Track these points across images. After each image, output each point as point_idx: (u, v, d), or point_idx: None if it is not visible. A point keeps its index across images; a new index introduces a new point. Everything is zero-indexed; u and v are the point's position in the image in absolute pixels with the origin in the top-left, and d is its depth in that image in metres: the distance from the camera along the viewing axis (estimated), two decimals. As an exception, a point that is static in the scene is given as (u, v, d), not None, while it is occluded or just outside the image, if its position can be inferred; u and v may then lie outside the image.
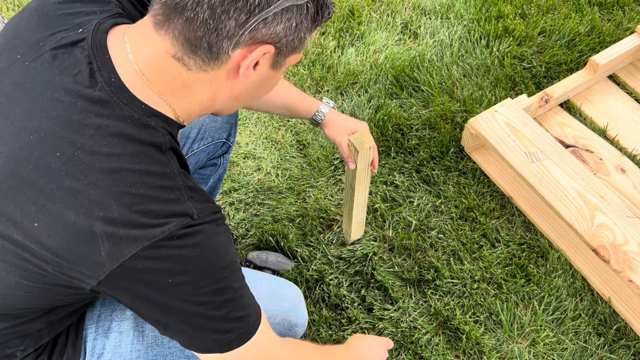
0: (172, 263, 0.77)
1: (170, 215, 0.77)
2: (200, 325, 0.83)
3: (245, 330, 0.87)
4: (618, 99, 1.99)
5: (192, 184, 0.83)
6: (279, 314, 1.12)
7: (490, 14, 2.27)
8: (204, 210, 0.81)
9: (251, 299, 0.90)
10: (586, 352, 1.50)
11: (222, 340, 0.86)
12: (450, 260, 1.65)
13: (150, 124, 0.79)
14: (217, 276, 0.82)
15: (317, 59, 2.17)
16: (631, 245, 1.49)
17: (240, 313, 0.86)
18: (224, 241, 0.84)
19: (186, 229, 0.78)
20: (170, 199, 0.79)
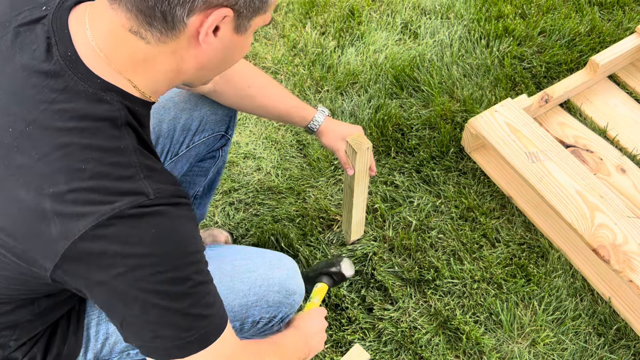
0: (123, 244, 0.73)
1: (122, 193, 0.74)
2: (158, 318, 0.78)
3: (207, 331, 0.82)
4: (618, 99, 1.99)
5: (153, 163, 0.80)
6: (278, 282, 1.12)
7: (490, 13, 2.27)
8: (162, 191, 0.77)
9: (217, 300, 0.85)
10: (586, 352, 1.50)
11: (181, 338, 0.80)
12: (450, 260, 1.65)
13: (105, 98, 0.76)
14: (174, 263, 0.77)
15: (317, 59, 2.17)
16: (631, 245, 1.49)
17: (202, 310, 0.81)
18: (185, 228, 0.79)
19: (139, 208, 0.74)
20: (123, 176, 0.75)
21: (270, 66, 2.19)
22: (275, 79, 2.15)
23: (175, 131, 1.29)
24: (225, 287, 1.06)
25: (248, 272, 1.10)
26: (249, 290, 1.08)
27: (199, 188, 1.48)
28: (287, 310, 1.15)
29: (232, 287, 1.07)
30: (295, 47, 2.24)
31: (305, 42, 2.23)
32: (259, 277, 1.10)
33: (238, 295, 1.07)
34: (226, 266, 1.09)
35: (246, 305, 1.08)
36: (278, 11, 2.39)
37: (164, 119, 1.28)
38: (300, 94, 2.08)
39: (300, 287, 1.18)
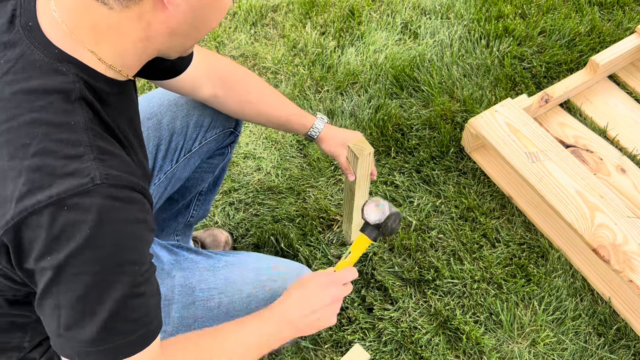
0: (53, 239, 0.68)
1: (65, 175, 0.68)
2: (69, 322, 0.72)
3: (118, 346, 0.75)
4: (618, 99, 1.98)
5: (109, 146, 0.74)
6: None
7: (490, 13, 2.27)
8: (113, 178, 0.70)
9: (146, 316, 0.77)
10: (586, 352, 1.50)
11: (87, 346, 0.74)
12: (450, 260, 1.65)
13: (60, 69, 0.73)
14: (104, 269, 0.71)
15: (317, 59, 2.17)
16: (631, 245, 1.49)
17: (121, 325, 0.74)
18: (130, 232, 0.72)
19: (80, 197, 0.68)
20: (70, 155, 0.69)
21: (270, 66, 2.19)
22: (275, 79, 2.16)
23: (188, 128, 1.30)
24: (247, 294, 1.07)
25: (270, 281, 1.11)
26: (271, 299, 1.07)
27: (205, 184, 1.49)
28: None
29: (254, 294, 1.08)
30: (295, 47, 2.24)
31: (305, 42, 2.23)
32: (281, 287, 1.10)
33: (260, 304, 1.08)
34: (249, 274, 1.10)
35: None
36: (278, 11, 2.40)
37: (177, 116, 1.29)
38: (300, 94, 2.08)
39: None
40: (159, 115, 1.28)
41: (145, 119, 1.26)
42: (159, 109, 1.29)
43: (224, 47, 2.29)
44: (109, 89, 0.79)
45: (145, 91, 2.19)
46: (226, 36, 2.32)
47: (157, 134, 1.27)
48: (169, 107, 1.29)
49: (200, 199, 1.55)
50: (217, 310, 1.05)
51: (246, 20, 2.36)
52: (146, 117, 1.27)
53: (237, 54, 2.26)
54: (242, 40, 2.30)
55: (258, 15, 2.37)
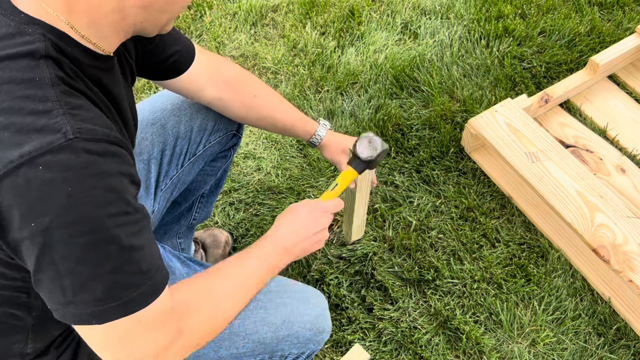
0: (32, 203, 0.65)
1: (35, 131, 0.65)
2: (73, 285, 0.70)
3: (130, 299, 0.73)
4: (618, 99, 1.99)
5: (78, 101, 0.70)
6: (309, 320, 1.11)
7: (490, 14, 2.27)
8: (86, 132, 0.67)
9: (151, 266, 0.75)
10: (586, 352, 1.50)
11: (98, 305, 0.71)
12: (450, 260, 1.65)
13: (25, 30, 0.71)
14: (94, 225, 0.68)
15: (317, 59, 2.17)
16: (631, 245, 1.49)
17: (126, 278, 0.72)
18: (112, 184, 0.69)
19: (54, 154, 0.65)
20: (37, 111, 0.66)
21: (270, 66, 2.19)
22: (275, 79, 2.16)
23: (192, 132, 1.30)
24: (259, 319, 1.06)
25: (282, 306, 1.09)
26: (282, 324, 1.07)
27: (207, 187, 1.49)
28: (314, 347, 1.13)
29: (266, 319, 1.06)
30: (295, 47, 2.24)
31: (306, 42, 2.23)
32: (292, 313, 1.09)
33: (270, 328, 1.06)
34: (261, 296, 1.08)
35: (277, 339, 1.07)
36: (278, 11, 2.40)
37: (181, 120, 1.29)
38: (300, 94, 2.09)
39: (329, 325, 1.16)
40: (163, 120, 1.28)
41: (149, 124, 1.26)
42: (162, 113, 1.29)
43: (224, 47, 2.29)
44: (84, 59, 0.77)
45: (146, 92, 2.19)
46: (226, 36, 2.32)
47: (162, 139, 1.27)
48: (172, 112, 1.29)
49: (203, 201, 1.55)
50: (228, 331, 1.04)
51: (246, 20, 2.36)
52: (150, 122, 1.27)
53: (237, 54, 2.26)
54: (242, 40, 2.30)
55: (258, 15, 2.38)
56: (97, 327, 0.73)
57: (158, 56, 1.10)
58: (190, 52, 1.16)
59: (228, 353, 1.04)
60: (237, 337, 1.04)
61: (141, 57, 1.07)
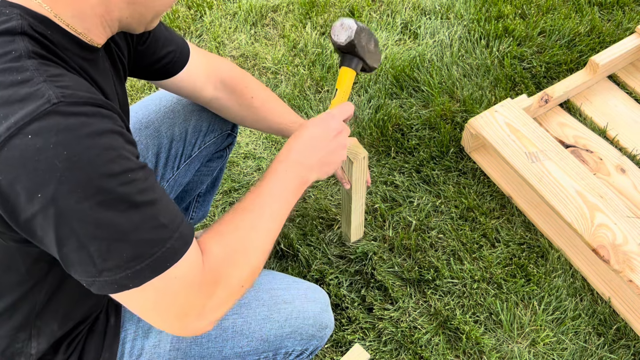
0: (31, 174, 0.64)
1: (17, 101, 0.64)
2: (99, 251, 0.69)
3: (161, 256, 0.73)
4: (618, 99, 1.99)
5: (57, 71, 0.69)
6: (312, 316, 1.11)
7: (490, 14, 2.27)
8: (70, 96, 0.66)
9: (172, 219, 0.74)
10: (586, 352, 1.50)
11: (130, 267, 0.71)
12: (450, 260, 1.65)
13: (2, 11, 0.70)
14: (101, 186, 0.66)
15: (317, 59, 2.17)
16: (631, 245, 1.49)
17: (150, 234, 0.72)
18: (107, 143, 0.68)
19: (40, 120, 0.63)
20: (16, 81, 0.65)
21: (271, 66, 2.19)
22: (275, 79, 2.16)
23: (187, 133, 1.29)
24: (262, 316, 1.06)
25: (284, 303, 1.09)
26: (285, 321, 1.07)
27: (203, 187, 1.49)
28: (318, 343, 1.13)
29: (269, 316, 1.07)
30: (295, 47, 2.24)
31: (306, 43, 2.23)
32: (295, 310, 1.09)
33: (274, 325, 1.06)
34: (263, 294, 1.08)
35: (281, 336, 1.07)
36: (278, 11, 2.40)
37: (175, 122, 1.28)
38: (300, 94, 2.09)
39: (331, 321, 1.16)
40: (157, 123, 1.27)
41: (142, 127, 1.26)
42: (156, 116, 1.28)
43: (224, 47, 2.29)
44: (68, 45, 0.75)
45: (146, 91, 2.19)
46: (226, 36, 2.32)
47: (157, 142, 1.27)
48: (165, 114, 1.29)
49: (199, 201, 1.55)
50: (232, 330, 1.05)
51: (246, 20, 2.36)
52: (143, 125, 1.26)
53: (237, 54, 2.26)
54: (242, 40, 2.30)
55: (258, 15, 2.38)
56: (135, 290, 0.73)
57: (150, 57, 1.10)
58: (184, 53, 1.16)
59: (232, 352, 1.04)
60: (240, 336, 1.04)
61: (133, 58, 1.07)
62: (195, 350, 1.02)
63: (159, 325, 0.79)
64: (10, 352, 0.90)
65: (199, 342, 1.03)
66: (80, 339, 0.97)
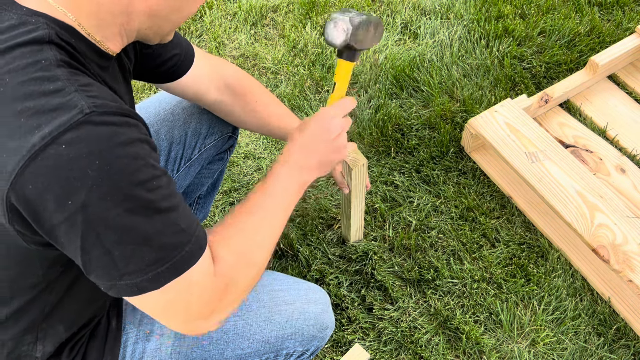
0: (63, 184, 0.65)
1: (50, 111, 0.65)
2: (121, 255, 0.71)
3: (180, 259, 0.75)
4: (618, 99, 1.99)
5: (86, 80, 0.71)
6: (313, 317, 1.11)
7: (490, 14, 2.27)
8: (101, 106, 0.68)
9: (189, 224, 0.77)
10: (586, 352, 1.50)
11: (150, 270, 0.73)
12: (450, 260, 1.65)
13: (29, 21, 0.71)
14: (127, 193, 0.69)
15: (317, 59, 2.17)
16: (631, 245, 1.49)
17: (169, 239, 0.74)
18: (136, 151, 0.70)
19: (74, 130, 0.65)
20: (49, 91, 0.66)
21: (271, 66, 2.19)
22: (275, 79, 2.16)
23: (187, 136, 1.29)
24: (263, 318, 1.06)
25: (285, 305, 1.09)
26: (286, 322, 1.07)
27: (204, 189, 1.49)
28: (318, 344, 1.14)
29: (270, 318, 1.07)
30: (295, 47, 2.24)
31: (306, 43, 2.23)
32: (296, 311, 1.09)
33: (275, 327, 1.07)
34: (264, 296, 1.09)
35: (282, 338, 1.07)
36: (278, 11, 2.40)
37: (175, 125, 1.28)
38: (300, 94, 2.09)
39: (332, 321, 1.16)
40: (156, 126, 1.27)
41: None
42: (155, 119, 1.28)
43: (224, 47, 2.29)
44: (89, 54, 0.77)
45: (146, 91, 2.19)
46: (226, 36, 2.32)
47: (156, 145, 1.26)
48: (165, 117, 1.28)
49: (200, 203, 1.55)
50: (233, 332, 1.05)
51: (246, 20, 2.36)
52: None
53: (237, 54, 2.26)
54: (242, 40, 2.30)
55: (258, 15, 2.38)
56: (153, 293, 0.75)
57: (155, 60, 1.10)
58: (188, 57, 1.16)
59: (233, 354, 1.04)
60: (242, 338, 1.05)
61: (139, 60, 1.07)
62: (196, 353, 1.02)
63: (167, 324, 0.81)
64: (16, 355, 0.90)
65: (200, 345, 1.03)
66: (82, 343, 0.97)
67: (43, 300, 0.87)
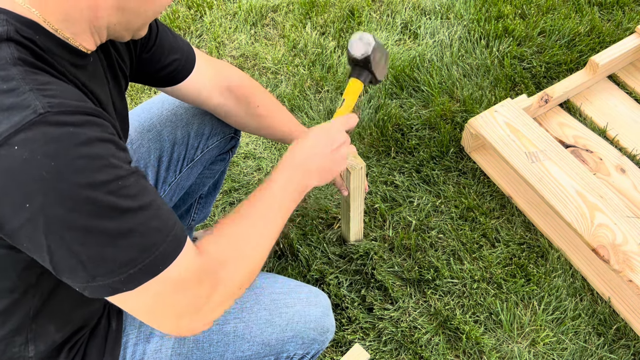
0: (18, 186, 0.63)
1: (3, 111, 0.63)
2: (90, 257, 0.68)
3: (153, 260, 0.73)
4: (618, 99, 1.99)
5: (45, 78, 0.68)
6: (314, 319, 1.11)
7: (490, 14, 2.27)
8: (57, 105, 0.65)
9: (163, 223, 0.74)
10: (586, 352, 1.50)
11: (123, 272, 0.71)
12: (450, 260, 1.65)
13: None
14: (90, 196, 0.66)
15: (317, 59, 2.17)
16: (631, 245, 1.49)
17: (140, 239, 0.71)
18: (95, 152, 0.67)
19: (27, 131, 0.62)
20: (2, 90, 0.64)
21: (271, 66, 2.19)
22: (275, 79, 2.16)
23: (189, 137, 1.29)
24: (264, 321, 1.06)
25: (286, 307, 1.09)
26: (287, 325, 1.07)
27: (205, 188, 1.49)
28: (319, 347, 1.13)
29: (271, 320, 1.07)
30: (295, 47, 2.24)
31: (306, 43, 2.23)
32: (297, 313, 1.09)
33: (276, 329, 1.06)
34: (265, 299, 1.09)
35: (282, 340, 1.07)
36: (278, 11, 2.40)
37: (178, 126, 1.28)
38: (300, 94, 2.09)
39: (333, 324, 1.16)
40: (159, 127, 1.27)
41: (144, 130, 1.26)
42: (158, 119, 1.28)
43: (224, 47, 2.29)
44: (56, 50, 0.75)
45: (146, 92, 2.19)
46: (226, 36, 2.32)
47: (158, 146, 1.26)
48: (168, 118, 1.28)
49: (201, 203, 1.55)
50: (233, 334, 1.05)
51: (246, 20, 2.36)
52: (146, 129, 1.26)
53: (237, 54, 2.26)
54: (242, 40, 2.30)
55: (258, 15, 2.38)
56: (130, 293, 0.73)
57: (155, 64, 1.10)
58: (189, 62, 1.15)
59: (234, 356, 1.04)
60: (242, 341, 1.04)
61: (136, 65, 1.06)
62: (197, 355, 1.02)
63: (156, 326, 0.79)
64: (8, 357, 0.90)
65: (200, 347, 1.03)
66: (81, 344, 0.97)
67: (26, 304, 0.86)
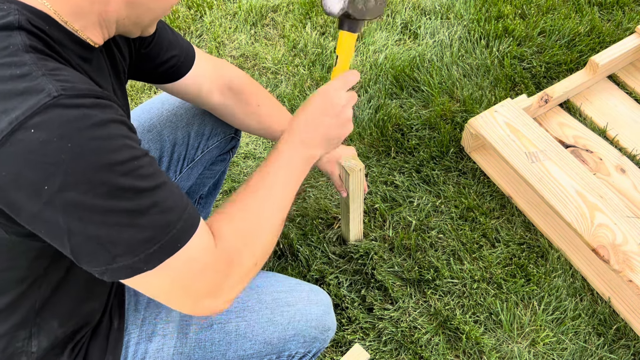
0: (35, 167, 0.64)
1: (17, 95, 0.64)
2: (109, 238, 0.69)
3: (171, 238, 0.74)
4: (618, 99, 1.99)
5: (56, 64, 0.69)
6: (315, 318, 1.11)
7: (490, 14, 2.27)
8: (70, 89, 0.66)
9: (177, 202, 0.75)
10: (586, 352, 1.50)
11: (142, 251, 0.72)
12: (450, 260, 1.65)
13: (1, 7, 0.70)
14: (105, 177, 0.67)
15: (317, 59, 2.17)
16: (631, 245, 1.49)
17: (158, 219, 0.72)
18: (110, 132, 0.68)
19: (42, 114, 0.63)
20: (16, 75, 0.65)
21: (271, 66, 2.19)
22: (275, 79, 2.16)
23: (189, 137, 1.29)
24: (265, 319, 1.06)
25: (287, 306, 1.09)
26: (288, 324, 1.07)
27: (205, 189, 1.49)
28: (320, 346, 1.13)
29: (272, 319, 1.07)
30: (295, 47, 2.24)
31: (306, 43, 2.23)
32: (298, 312, 1.09)
33: (277, 328, 1.06)
34: (266, 297, 1.09)
35: (284, 339, 1.07)
36: (278, 11, 2.40)
37: (178, 126, 1.28)
38: (300, 94, 2.09)
39: (334, 323, 1.16)
40: (159, 127, 1.27)
41: (145, 130, 1.26)
42: (158, 119, 1.28)
43: (224, 47, 2.29)
44: (65, 41, 0.76)
45: (147, 91, 2.19)
46: (226, 36, 2.32)
47: (159, 146, 1.26)
48: (168, 118, 1.28)
49: (201, 203, 1.55)
50: (235, 333, 1.05)
51: (246, 20, 2.36)
52: (146, 129, 1.26)
53: (237, 54, 2.26)
54: (242, 40, 2.30)
55: (258, 15, 2.38)
56: (149, 273, 0.74)
57: (153, 60, 1.09)
58: (188, 58, 1.15)
59: (236, 355, 1.04)
60: (244, 339, 1.04)
61: (135, 60, 1.07)
62: (198, 354, 1.02)
63: (176, 307, 0.80)
64: (11, 352, 0.90)
65: (202, 346, 1.03)
66: (83, 342, 0.97)
67: (32, 296, 0.86)
